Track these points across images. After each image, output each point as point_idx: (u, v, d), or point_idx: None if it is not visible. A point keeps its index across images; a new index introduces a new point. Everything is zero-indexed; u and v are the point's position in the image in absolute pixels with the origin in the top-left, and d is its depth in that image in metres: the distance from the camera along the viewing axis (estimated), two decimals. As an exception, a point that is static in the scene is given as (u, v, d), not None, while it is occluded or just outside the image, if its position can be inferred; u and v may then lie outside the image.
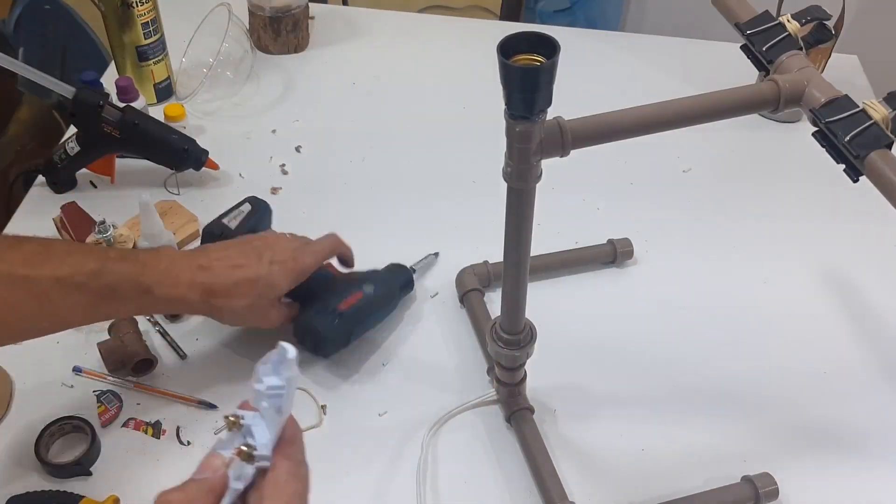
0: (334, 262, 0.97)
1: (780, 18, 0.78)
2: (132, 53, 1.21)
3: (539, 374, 0.91)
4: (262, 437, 0.49)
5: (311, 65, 1.40)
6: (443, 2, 2.17)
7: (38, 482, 0.82)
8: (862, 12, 2.01)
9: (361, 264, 0.99)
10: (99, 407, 0.88)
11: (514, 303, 0.80)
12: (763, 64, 0.77)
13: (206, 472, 0.49)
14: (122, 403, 0.89)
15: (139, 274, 0.78)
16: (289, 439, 0.51)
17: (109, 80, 1.19)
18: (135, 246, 0.98)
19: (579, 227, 1.13)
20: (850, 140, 0.66)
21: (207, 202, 1.13)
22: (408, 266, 1.02)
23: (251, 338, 0.97)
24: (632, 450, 0.90)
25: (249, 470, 0.49)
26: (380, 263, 1.06)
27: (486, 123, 0.88)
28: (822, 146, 0.69)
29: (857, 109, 0.68)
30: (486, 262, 1.04)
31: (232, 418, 0.50)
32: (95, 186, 1.15)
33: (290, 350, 0.49)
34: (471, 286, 1.02)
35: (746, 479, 0.85)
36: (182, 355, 0.94)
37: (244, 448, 0.49)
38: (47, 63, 1.69)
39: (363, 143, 1.24)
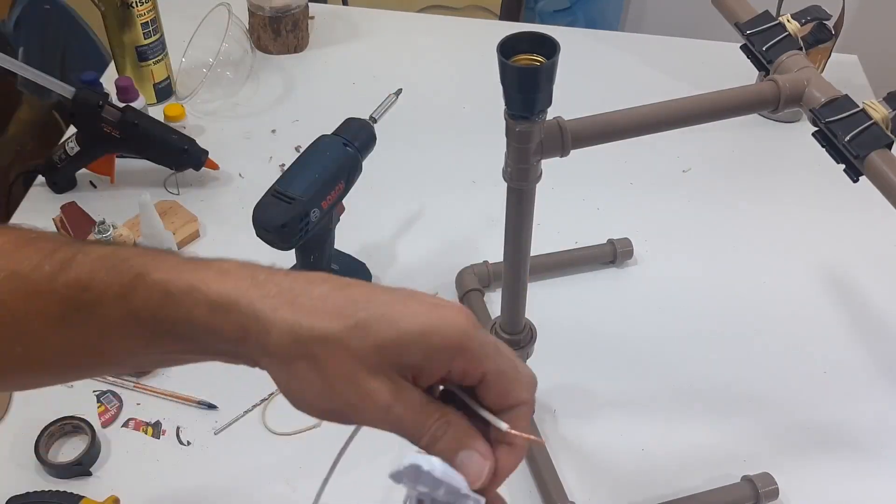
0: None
1: (780, 18, 0.78)
2: (132, 53, 1.21)
3: (539, 374, 0.90)
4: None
5: (311, 65, 1.40)
6: (443, 2, 2.17)
7: (38, 482, 0.82)
8: (862, 12, 2.01)
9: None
10: (99, 407, 0.88)
11: (514, 303, 0.80)
12: (763, 64, 0.77)
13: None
14: (122, 403, 0.89)
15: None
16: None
17: (109, 80, 1.19)
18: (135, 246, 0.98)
19: (579, 227, 1.13)
20: (850, 140, 0.66)
21: (207, 202, 1.13)
22: (366, 118, 0.94)
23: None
24: (632, 450, 0.90)
25: None
26: (380, 263, 1.06)
27: (486, 123, 0.88)
28: (822, 146, 0.69)
29: (857, 109, 0.68)
30: (486, 262, 1.04)
31: None
32: (95, 186, 1.15)
33: (426, 464, 0.41)
34: (471, 286, 1.02)
35: (746, 479, 0.85)
36: (182, 355, 0.94)
37: None
38: (47, 63, 1.69)
39: (363, 143, 1.24)
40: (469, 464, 0.41)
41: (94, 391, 0.90)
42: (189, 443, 0.87)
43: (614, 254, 1.08)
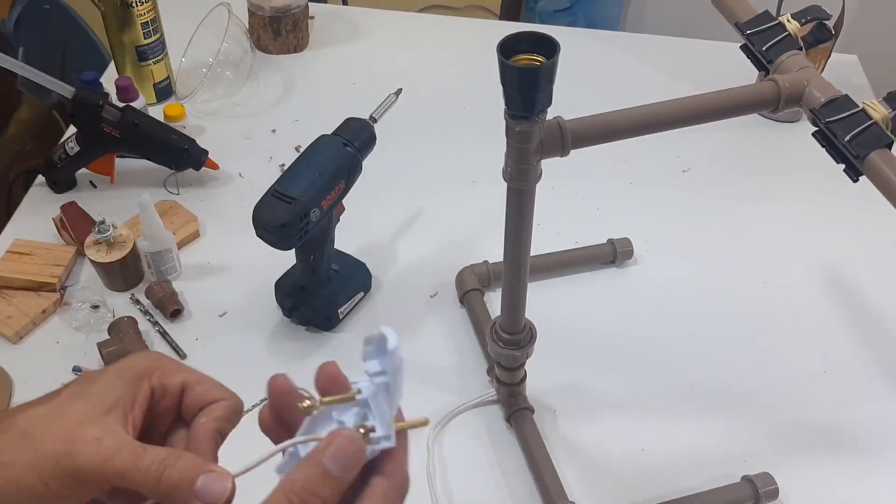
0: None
1: (780, 18, 0.78)
2: (132, 53, 1.21)
3: (539, 374, 0.91)
4: (383, 417, 0.43)
5: (311, 65, 1.40)
6: (443, 2, 2.17)
7: (38, 482, 0.82)
8: (862, 12, 2.02)
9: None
10: (99, 407, 0.88)
11: (514, 303, 0.80)
12: (763, 64, 0.77)
13: (339, 465, 0.40)
14: (122, 403, 0.89)
15: None
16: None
17: (109, 80, 1.19)
18: (134, 246, 0.98)
19: (579, 227, 1.13)
20: (850, 140, 0.66)
21: (207, 202, 1.13)
22: (366, 118, 0.94)
23: (251, 337, 0.97)
24: (632, 450, 0.90)
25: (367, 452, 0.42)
26: (380, 263, 1.06)
27: (486, 123, 0.88)
28: (822, 146, 0.69)
29: (857, 109, 0.68)
30: (486, 262, 1.04)
31: (351, 391, 0.43)
32: (95, 186, 1.15)
33: (391, 338, 0.42)
34: (471, 286, 1.02)
35: (746, 479, 0.85)
36: (182, 355, 0.94)
37: (362, 429, 0.42)
38: (47, 63, 1.69)
39: (363, 143, 1.24)
40: (214, 481, 0.42)
41: (94, 391, 0.89)
42: (189, 443, 0.87)
43: (614, 254, 1.08)
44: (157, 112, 1.17)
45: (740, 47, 0.79)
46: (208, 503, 0.42)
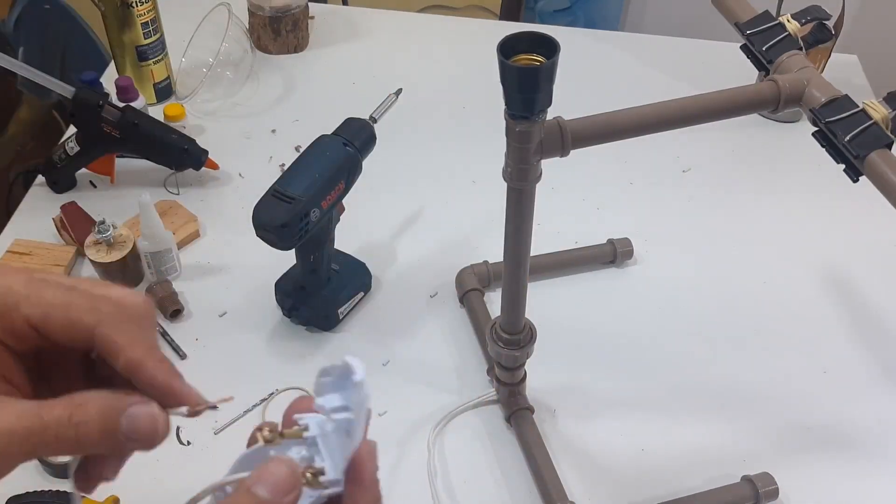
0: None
1: (780, 18, 0.78)
2: (132, 53, 1.21)
3: (539, 374, 0.91)
4: (334, 458, 0.38)
5: (311, 65, 1.40)
6: (443, 2, 2.17)
7: (38, 482, 0.82)
8: (862, 12, 2.02)
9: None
10: (99, 407, 0.88)
11: (514, 303, 0.80)
12: (763, 64, 0.77)
13: (269, 490, 0.36)
14: (122, 403, 0.89)
15: None
16: (368, 481, 0.39)
17: (109, 80, 1.19)
18: (134, 246, 0.98)
19: (579, 227, 1.13)
20: (850, 140, 0.66)
21: (207, 202, 1.13)
22: (366, 118, 0.94)
23: (251, 337, 0.97)
24: (632, 450, 0.90)
25: (313, 497, 0.38)
26: (380, 263, 1.06)
27: (486, 123, 0.88)
28: (822, 146, 0.69)
29: (857, 109, 0.68)
30: (486, 262, 1.04)
31: (294, 427, 0.39)
32: (95, 186, 1.15)
33: (357, 370, 0.38)
34: (471, 286, 1.02)
35: (746, 479, 0.85)
36: (182, 355, 0.94)
37: (310, 471, 0.37)
38: (47, 63, 1.69)
39: (363, 143, 1.24)
40: (139, 417, 0.36)
41: (94, 391, 0.89)
42: (189, 443, 0.87)
43: (614, 254, 1.08)
44: (157, 112, 1.17)
45: (740, 47, 0.79)
46: (144, 443, 0.36)
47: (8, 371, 0.37)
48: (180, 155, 1.11)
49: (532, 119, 0.63)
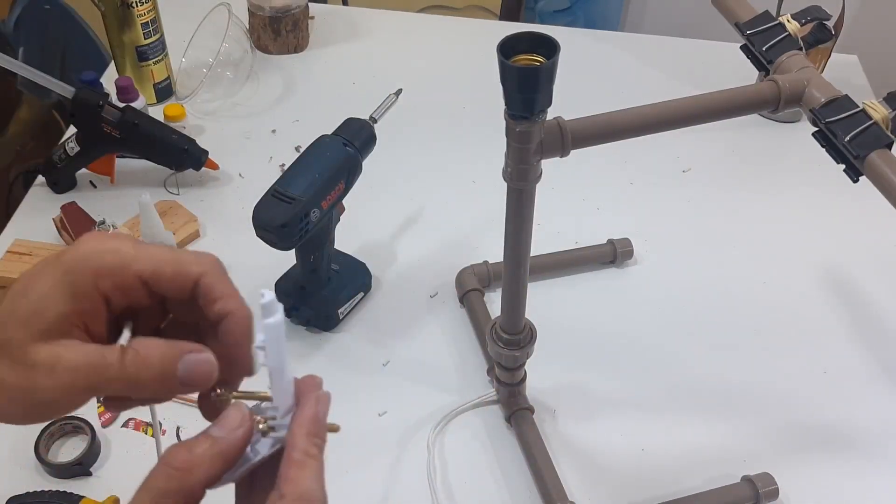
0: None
1: (780, 18, 0.78)
2: (132, 53, 1.21)
3: (539, 374, 0.91)
4: (280, 404, 0.42)
5: (311, 65, 1.40)
6: (443, 2, 2.17)
7: (38, 482, 0.82)
8: (862, 12, 2.02)
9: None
10: (99, 407, 0.88)
11: (514, 303, 0.80)
12: (763, 64, 0.77)
13: (222, 429, 0.40)
14: (122, 403, 0.89)
15: None
16: (310, 418, 0.42)
17: (109, 80, 1.19)
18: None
19: (579, 227, 1.13)
20: (850, 140, 0.66)
21: (207, 202, 1.13)
22: (366, 118, 0.94)
23: (251, 338, 0.97)
24: (632, 450, 0.90)
25: (266, 443, 0.42)
26: (380, 263, 1.06)
27: (486, 123, 0.88)
28: (822, 146, 0.69)
29: (857, 109, 0.68)
30: (486, 262, 1.04)
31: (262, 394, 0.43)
32: (95, 186, 1.15)
33: (266, 294, 0.41)
34: (471, 286, 1.02)
35: (746, 479, 0.85)
36: (182, 355, 0.94)
37: (260, 420, 0.42)
38: (47, 63, 1.69)
39: (363, 143, 1.24)
40: (196, 362, 0.41)
41: (94, 391, 0.90)
42: (189, 443, 0.87)
43: (614, 254, 1.08)
44: (157, 112, 1.17)
45: (740, 47, 0.79)
46: (196, 385, 0.41)
47: (96, 324, 0.41)
48: (180, 155, 1.11)
49: (532, 119, 0.63)
